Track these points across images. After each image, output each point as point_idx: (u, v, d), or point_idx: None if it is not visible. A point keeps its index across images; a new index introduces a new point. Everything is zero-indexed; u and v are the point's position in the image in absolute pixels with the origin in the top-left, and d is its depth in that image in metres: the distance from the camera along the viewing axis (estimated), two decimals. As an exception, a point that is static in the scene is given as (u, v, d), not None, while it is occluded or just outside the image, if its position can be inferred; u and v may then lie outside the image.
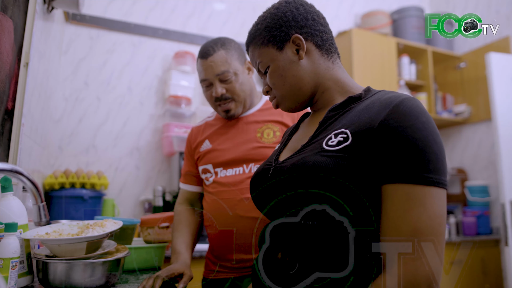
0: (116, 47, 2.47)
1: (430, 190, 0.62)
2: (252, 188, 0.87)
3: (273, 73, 0.83)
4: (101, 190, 2.18)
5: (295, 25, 0.83)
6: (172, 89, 2.45)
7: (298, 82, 0.82)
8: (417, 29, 3.21)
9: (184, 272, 1.09)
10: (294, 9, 0.84)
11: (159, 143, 2.48)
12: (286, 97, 0.84)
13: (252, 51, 0.88)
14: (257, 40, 0.85)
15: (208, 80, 1.27)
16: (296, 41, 0.82)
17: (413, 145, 0.63)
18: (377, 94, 0.75)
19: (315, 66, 0.83)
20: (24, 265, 0.88)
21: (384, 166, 0.65)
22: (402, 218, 0.61)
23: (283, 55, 0.82)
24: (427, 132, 0.64)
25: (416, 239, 0.60)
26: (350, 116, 0.73)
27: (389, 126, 0.65)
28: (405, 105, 0.66)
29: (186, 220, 1.32)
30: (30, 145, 1.46)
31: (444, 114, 3.21)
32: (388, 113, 0.66)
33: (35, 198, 0.94)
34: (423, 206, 0.61)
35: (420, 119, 0.65)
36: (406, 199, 0.62)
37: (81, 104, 2.34)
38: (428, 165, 0.62)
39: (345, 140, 0.68)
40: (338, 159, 0.67)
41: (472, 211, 2.91)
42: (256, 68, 0.89)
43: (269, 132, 1.25)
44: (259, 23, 0.87)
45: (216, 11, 2.80)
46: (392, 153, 0.64)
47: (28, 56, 1.27)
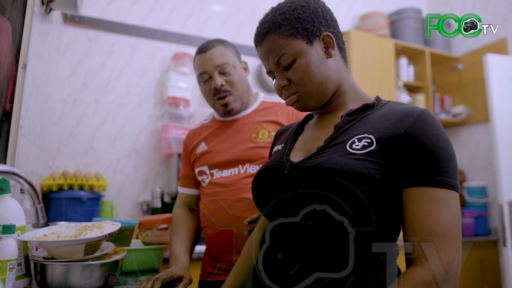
0: (114, 49, 2.47)
1: (453, 193, 0.68)
2: (259, 188, 0.83)
3: (300, 67, 0.79)
4: (100, 191, 2.17)
5: (325, 22, 0.82)
6: (171, 91, 2.45)
7: (326, 81, 0.80)
8: (415, 30, 3.21)
9: (184, 276, 1.08)
10: (322, 7, 0.83)
11: (158, 145, 2.48)
12: (310, 94, 0.80)
13: (274, 40, 0.80)
14: (285, 30, 0.79)
15: (207, 73, 1.27)
16: (326, 38, 0.81)
17: (438, 153, 0.68)
18: (389, 104, 0.79)
19: (338, 67, 0.83)
20: (22, 267, 0.88)
21: (409, 170, 0.69)
22: (432, 218, 0.66)
23: (313, 50, 0.79)
24: (447, 142, 0.70)
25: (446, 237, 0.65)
26: (369, 122, 0.75)
27: (415, 134, 0.69)
28: (427, 116, 0.71)
29: (184, 223, 1.31)
30: (28, 147, 1.46)
31: (442, 115, 3.22)
32: (413, 121, 0.70)
33: (33, 200, 0.93)
34: (449, 207, 0.66)
35: (441, 130, 0.71)
36: (434, 201, 0.66)
37: (79, 106, 2.34)
38: (450, 171, 0.68)
39: (369, 145, 0.71)
40: (364, 162, 0.69)
41: (470, 212, 2.92)
42: (274, 61, 0.81)
43: (264, 132, 1.25)
44: (286, 12, 0.80)
45: (215, 12, 2.80)
46: (418, 159, 0.68)
47: (26, 58, 1.26)
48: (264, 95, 1.39)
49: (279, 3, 0.84)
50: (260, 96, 1.38)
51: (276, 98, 1.37)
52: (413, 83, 3.17)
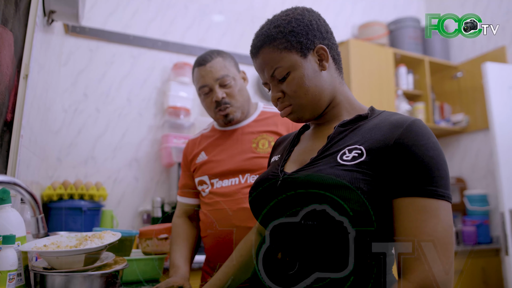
0: (115, 59, 2.49)
1: (442, 203, 0.67)
2: (255, 199, 0.84)
3: (294, 80, 0.80)
4: (100, 201, 2.17)
5: (319, 35, 0.82)
6: (171, 100, 2.46)
7: (320, 93, 0.81)
8: (414, 39, 3.24)
9: (184, 286, 1.08)
10: (317, 19, 0.83)
11: (158, 154, 2.48)
12: (304, 106, 0.82)
13: (268, 53, 0.81)
14: (279, 43, 0.80)
15: (208, 86, 1.28)
16: (320, 51, 0.81)
17: (427, 163, 0.68)
18: (383, 114, 0.79)
19: (332, 79, 0.84)
20: (22, 278, 0.87)
21: (399, 181, 0.68)
22: (419, 228, 0.65)
23: (307, 63, 0.80)
24: (438, 152, 0.69)
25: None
26: (361, 133, 0.75)
27: (405, 144, 0.69)
28: (417, 126, 0.71)
29: (184, 233, 1.31)
30: (29, 157, 1.46)
31: (442, 123, 3.22)
32: (402, 132, 0.70)
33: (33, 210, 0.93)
34: (438, 218, 0.66)
35: (431, 139, 0.70)
36: (422, 211, 0.66)
37: (80, 116, 2.35)
38: (440, 181, 0.68)
39: (359, 156, 0.71)
40: (354, 173, 0.69)
41: (471, 220, 2.90)
42: (269, 74, 0.82)
43: (264, 142, 1.26)
44: (281, 25, 0.81)
45: (215, 22, 2.83)
46: (407, 169, 0.68)
47: (28, 68, 1.27)
48: (263, 105, 1.40)
49: (275, 16, 0.85)
50: (260, 106, 1.39)
51: (275, 108, 1.37)
52: (413, 92, 3.18)
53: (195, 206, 1.37)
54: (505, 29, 3.05)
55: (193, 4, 2.76)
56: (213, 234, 1.24)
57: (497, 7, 3.12)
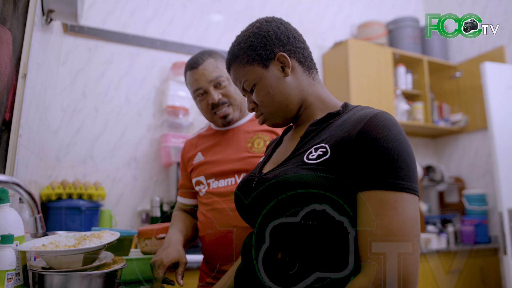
0: (114, 58, 2.48)
1: (402, 195, 0.66)
2: (236, 198, 0.90)
3: (260, 90, 0.85)
4: (98, 201, 2.17)
5: (278, 43, 0.85)
6: (170, 100, 2.46)
7: (286, 99, 0.85)
8: (413, 39, 3.24)
9: (179, 261, 1.12)
10: (275, 28, 0.86)
11: (157, 154, 2.48)
12: (274, 113, 0.86)
13: (235, 69, 0.89)
14: (241, 59, 0.86)
15: (202, 89, 1.28)
16: (281, 58, 0.85)
17: (385, 155, 0.67)
18: (353, 110, 0.80)
19: (299, 83, 0.86)
20: (20, 278, 0.87)
21: (359, 175, 0.69)
22: (375, 222, 0.66)
23: (269, 72, 0.85)
24: (398, 143, 0.69)
25: (388, 240, 0.64)
26: (329, 131, 0.77)
27: (365, 138, 0.69)
28: (378, 119, 0.71)
29: (180, 216, 1.36)
30: (28, 156, 1.46)
31: (440, 123, 3.23)
32: (363, 126, 0.71)
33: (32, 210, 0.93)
34: (395, 210, 0.65)
35: (392, 131, 0.70)
36: (378, 204, 0.66)
37: (78, 115, 2.35)
38: (400, 172, 0.67)
39: (324, 154, 0.73)
40: (317, 171, 0.70)
41: (470, 219, 2.91)
42: (240, 87, 0.89)
43: (259, 142, 1.26)
44: (242, 42, 0.87)
45: (214, 22, 2.83)
46: (367, 162, 0.68)
47: (26, 68, 1.27)
48: None
49: (239, 34, 0.91)
50: None
51: None
52: (412, 92, 3.18)
53: (193, 206, 1.39)
54: (504, 29, 3.05)
55: (192, 4, 2.76)
56: (211, 234, 1.24)
57: (496, 7, 3.12)
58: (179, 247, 1.18)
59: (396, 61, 3.18)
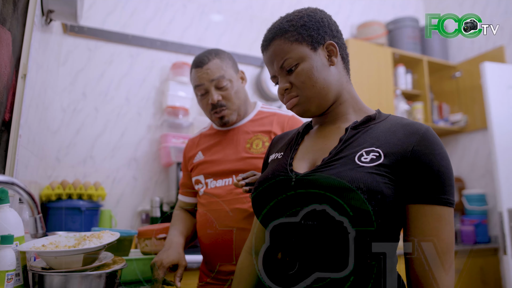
0: (114, 58, 2.48)
1: (451, 211, 0.72)
2: (259, 197, 0.82)
3: (303, 71, 0.81)
4: (98, 201, 2.17)
5: (330, 32, 0.85)
6: (170, 100, 2.46)
7: (328, 87, 0.82)
8: (413, 39, 3.24)
9: (179, 263, 1.12)
10: (328, 18, 0.87)
11: (157, 154, 2.48)
12: (311, 98, 0.82)
13: (279, 44, 0.83)
14: (290, 35, 0.82)
15: (204, 86, 1.28)
16: (329, 47, 0.84)
17: (442, 172, 0.72)
18: (391, 118, 0.81)
19: (340, 76, 0.85)
20: (20, 278, 0.87)
21: (415, 187, 0.71)
22: (437, 236, 0.70)
23: (316, 56, 0.82)
24: (449, 161, 0.74)
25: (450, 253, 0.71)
26: (374, 135, 0.76)
27: (422, 153, 0.72)
28: (431, 134, 0.75)
29: (181, 216, 1.37)
30: (27, 156, 1.46)
31: (440, 123, 3.23)
32: (419, 139, 0.73)
33: (32, 210, 0.93)
34: (450, 225, 0.71)
35: (443, 149, 0.74)
36: (438, 219, 0.70)
37: (78, 115, 2.35)
38: (451, 189, 0.72)
39: (378, 158, 0.72)
40: (374, 175, 0.70)
41: (470, 219, 2.91)
42: (279, 65, 0.83)
43: (258, 143, 1.26)
44: (293, 19, 0.84)
45: (214, 22, 2.82)
46: (425, 177, 0.71)
47: (26, 68, 1.27)
48: (262, 105, 1.40)
49: (288, 13, 0.88)
50: (258, 106, 1.39)
51: (273, 108, 1.37)
52: (411, 91, 3.18)
53: (194, 204, 1.39)
54: (504, 29, 3.05)
55: (192, 4, 2.76)
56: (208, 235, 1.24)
57: (496, 7, 3.12)
58: (180, 249, 1.19)
59: (396, 61, 3.18)
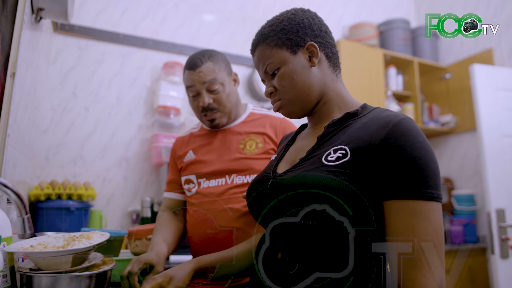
0: (105, 58, 2.46)
1: (432, 204, 0.66)
2: (249, 198, 0.88)
3: (283, 75, 0.84)
4: (88, 201, 2.15)
5: (310, 33, 0.85)
6: (161, 100, 2.45)
7: (308, 88, 0.83)
8: (404, 40, 3.27)
9: (155, 266, 1.03)
10: (310, 18, 0.87)
11: (148, 154, 2.47)
12: (293, 101, 0.84)
13: (261, 50, 0.87)
14: (271, 41, 0.85)
15: (195, 88, 1.28)
16: (310, 48, 0.84)
17: (414, 164, 0.67)
18: (373, 112, 0.78)
19: (323, 76, 0.85)
20: (7, 279, 0.86)
21: (386, 183, 0.68)
22: (411, 233, 0.65)
23: (296, 59, 0.84)
24: (425, 151, 0.68)
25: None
26: (348, 133, 0.76)
27: (390, 145, 0.68)
28: (403, 125, 0.70)
29: (166, 221, 1.29)
30: (16, 156, 1.44)
31: (430, 124, 3.26)
32: (388, 132, 0.69)
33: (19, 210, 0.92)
34: (428, 220, 0.65)
35: (417, 139, 0.69)
36: (412, 214, 0.66)
37: (68, 115, 2.32)
38: (428, 181, 0.67)
39: (343, 156, 0.71)
40: (337, 174, 0.69)
41: (459, 219, 2.95)
42: (263, 70, 0.88)
43: (252, 144, 1.27)
44: (274, 24, 0.86)
45: (206, 22, 2.82)
46: (395, 171, 0.67)
47: (15, 66, 1.26)
48: (253, 107, 1.41)
49: (273, 17, 0.90)
50: (249, 108, 1.40)
51: (264, 110, 1.39)
52: (402, 93, 3.21)
53: (182, 203, 1.37)
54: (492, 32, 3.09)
55: (184, 3, 2.75)
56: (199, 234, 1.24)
57: (485, 11, 3.16)
58: (161, 255, 1.09)
59: (387, 63, 3.20)
